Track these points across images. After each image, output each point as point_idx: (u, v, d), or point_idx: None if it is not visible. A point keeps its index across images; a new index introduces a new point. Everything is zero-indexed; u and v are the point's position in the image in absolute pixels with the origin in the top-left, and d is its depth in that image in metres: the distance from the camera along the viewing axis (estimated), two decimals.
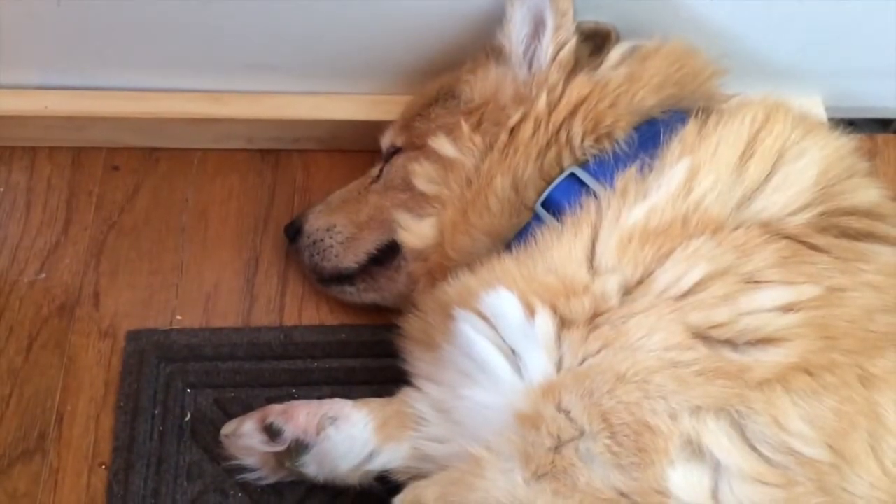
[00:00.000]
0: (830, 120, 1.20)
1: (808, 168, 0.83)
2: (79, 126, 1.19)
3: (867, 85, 1.25)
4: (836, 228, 0.83)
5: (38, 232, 1.17)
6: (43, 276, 1.14)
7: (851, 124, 1.25)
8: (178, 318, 1.13)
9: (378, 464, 0.94)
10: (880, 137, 1.33)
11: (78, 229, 1.18)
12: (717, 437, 0.72)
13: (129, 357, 1.08)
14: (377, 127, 1.12)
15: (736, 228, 0.80)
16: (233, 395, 1.07)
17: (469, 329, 0.83)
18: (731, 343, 0.75)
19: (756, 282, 0.77)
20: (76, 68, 1.16)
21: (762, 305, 0.76)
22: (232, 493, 1.01)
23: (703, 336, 0.76)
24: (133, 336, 1.10)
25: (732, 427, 0.73)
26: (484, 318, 0.83)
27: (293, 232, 1.13)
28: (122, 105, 1.17)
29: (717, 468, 0.72)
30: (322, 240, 1.09)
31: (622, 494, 0.72)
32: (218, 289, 1.15)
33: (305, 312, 1.15)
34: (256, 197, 1.22)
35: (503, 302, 0.82)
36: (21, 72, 1.16)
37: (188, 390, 1.07)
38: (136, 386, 1.06)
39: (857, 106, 1.29)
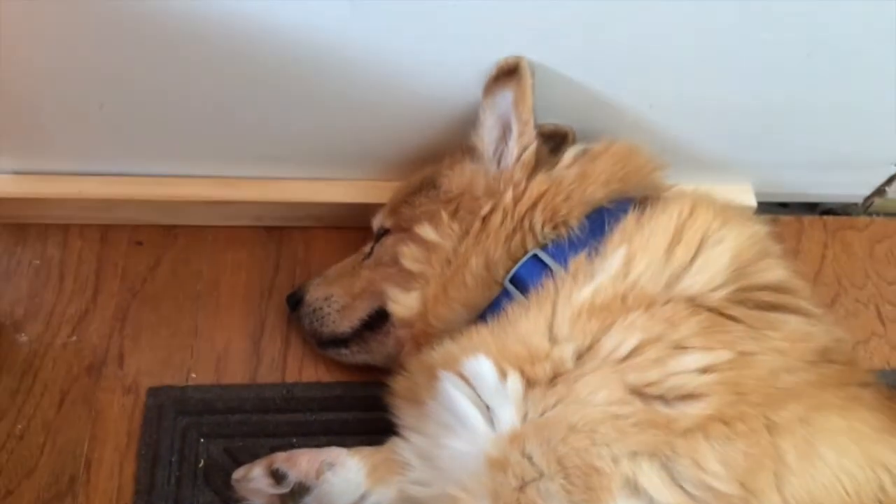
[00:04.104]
0: (761, 204, 1.28)
1: (724, 252, 0.90)
2: (108, 207, 1.23)
3: (792, 175, 1.31)
4: (750, 301, 0.88)
5: (69, 300, 1.21)
6: (74, 338, 1.19)
7: (783, 206, 1.37)
8: (193, 375, 1.17)
9: None
10: (807, 219, 1.41)
11: (105, 297, 1.22)
12: (651, 478, 0.79)
13: (150, 411, 1.12)
14: (369, 208, 1.17)
15: (666, 303, 0.86)
16: (241, 444, 1.11)
17: (452, 388, 0.88)
18: (662, 398, 0.81)
19: (683, 347, 0.83)
20: (108, 158, 1.20)
21: (686, 367, 0.82)
22: None
23: (639, 392, 0.82)
24: (153, 392, 1.14)
25: (663, 469, 0.79)
26: (465, 379, 0.88)
27: (295, 301, 1.17)
28: (146, 189, 1.21)
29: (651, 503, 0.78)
30: (321, 308, 1.13)
31: None
32: (228, 350, 1.20)
33: (305, 371, 1.19)
34: (263, 269, 1.26)
35: (481, 366, 0.87)
36: (60, 161, 1.20)
37: (202, 440, 1.11)
38: (155, 436, 1.10)
39: (784, 192, 1.35)
